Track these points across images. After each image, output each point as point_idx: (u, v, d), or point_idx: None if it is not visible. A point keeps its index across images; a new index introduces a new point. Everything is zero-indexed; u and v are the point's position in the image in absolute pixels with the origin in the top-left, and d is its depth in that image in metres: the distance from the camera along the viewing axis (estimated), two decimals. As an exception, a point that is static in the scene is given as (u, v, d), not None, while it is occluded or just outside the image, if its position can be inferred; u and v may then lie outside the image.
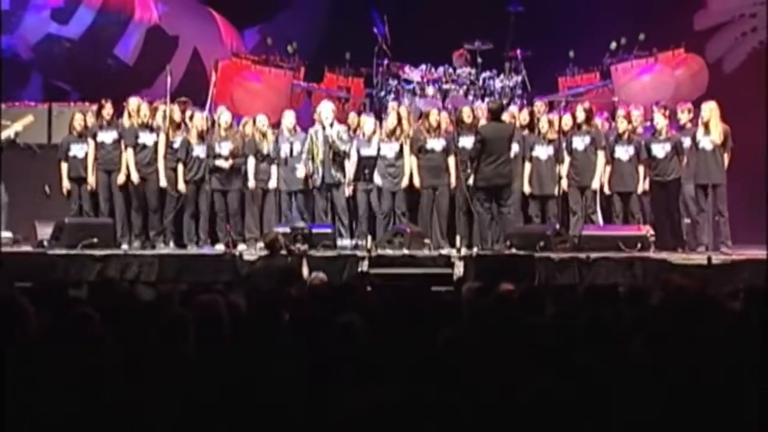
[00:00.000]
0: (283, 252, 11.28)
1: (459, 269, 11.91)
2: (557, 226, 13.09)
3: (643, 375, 4.29)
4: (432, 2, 17.10)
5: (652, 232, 12.71)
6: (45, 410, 3.88)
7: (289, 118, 13.84)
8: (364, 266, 11.96)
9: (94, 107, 14.07)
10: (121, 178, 13.44)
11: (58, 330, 4.86)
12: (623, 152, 13.32)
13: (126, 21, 17.22)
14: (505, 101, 15.30)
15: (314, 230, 12.64)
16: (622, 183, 13.36)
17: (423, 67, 16.12)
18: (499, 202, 12.85)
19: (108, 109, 13.64)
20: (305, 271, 10.95)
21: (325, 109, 13.70)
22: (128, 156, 13.43)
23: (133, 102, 13.65)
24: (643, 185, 13.34)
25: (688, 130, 13.06)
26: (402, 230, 13.17)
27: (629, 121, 13.43)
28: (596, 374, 4.26)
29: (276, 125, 13.95)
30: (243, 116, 14.35)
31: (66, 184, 13.78)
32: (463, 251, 12.58)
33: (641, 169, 13.29)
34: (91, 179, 13.58)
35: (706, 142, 12.71)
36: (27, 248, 13.19)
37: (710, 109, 12.76)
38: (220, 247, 13.28)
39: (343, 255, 12.32)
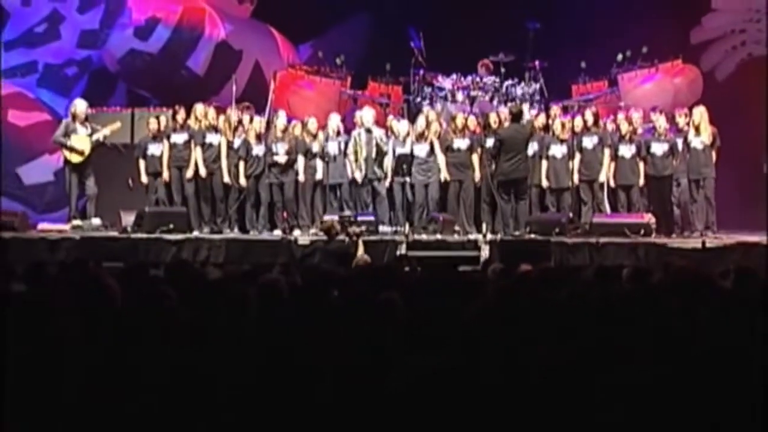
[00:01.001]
0: (340, 237, 11.31)
1: (485, 252, 11.91)
2: (570, 215, 13.09)
3: (646, 344, 4.28)
4: (462, 20, 17.06)
5: (653, 219, 12.69)
6: (130, 371, 3.92)
7: (334, 121, 13.90)
8: (402, 249, 11.97)
9: (170, 112, 14.19)
10: (189, 173, 13.54)
11: (141, 304, 4.89)
12: (626, 150, 13.29)
13: (197, 37, 17.27)
14: (524, 106, 15.30)
15: (359, 218, 12.66)
16: (624, 177, 13.32)
17: (454, 76, 16.12)
18: (516, 194, 12.88)
19: (181, 114, 13.78)
20: (360, 250, 10.99)
21: (367, 114, 13.76)
22: (196, 154, 13.53)
23: (200, 107, 13.77)
24: (643, 179, 13.30)
25: (682, 132, 13.06)
26: (435, 218, 13.20)
27: (630, 123, 13.41)
28: (605, 343, 4.24)
29: (325, 127, 13.99)
30: (295, 119, 14.38)
31: (144, 179, 13.90)
32: (489, 236, 12.58)
33: (641, 165, 13.26)
34: (166, 174, 13.69)
35: (697, 142, 12.77)
36: (113, 233, 13.30)
37: (700, 113, 12.85)
38: (277, 233, 13.34)
39: (384, 240, 12.33)
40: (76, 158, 13.65)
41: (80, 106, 13.95)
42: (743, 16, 16.97)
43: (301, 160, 13.58)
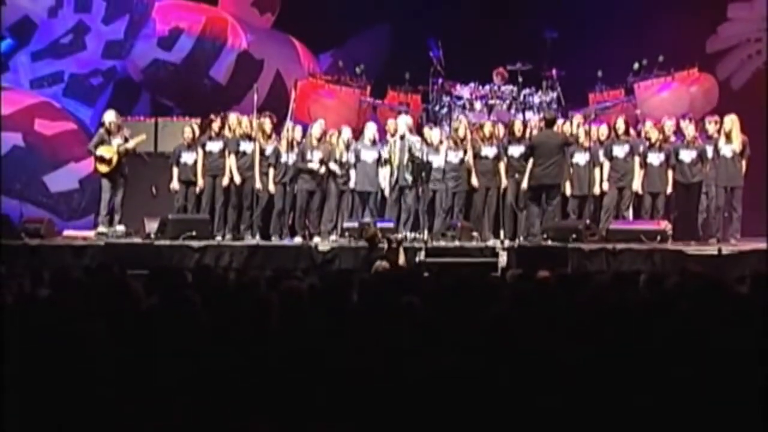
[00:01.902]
0: (382, 245, 11.31)
1: (503, 258, 11.90)
2: (588, 221, 13.05)
3: (662, 348, 4.27)
4: (480, 30, 17.08)
5: (669, 226, 12.65)
6: (154, 375, 3.93)
7: (371, 130, 13.93)
8: (421, 256, 11.97)
9: (197, 120, 14.28)
10: (225, 181, 13.60)
11: (165, 309, 4.90)
12: (655, 158, 13.26)
13: (220, 47, 17.34)
14: (541, 114, 15.28)
15: (379, 224, 12.65)
16: (652, 185, 13.28)
17: (472, 85, 16.13)
18: (547, 198, 12.88)
19: (217, 123, 13.86)
20: (402, 258, 11.01)
21: (402, 122, 13.77)
22: (231, 161, 13.58)
23: (233, 117, 13.85)
24: (671, 186, 13.26)
25: (712, 139, 13.00)
26: (454, 225, 13.21)
27: (660, 131, 13.37)
28: (621, 346, 4.24)
29: (359, 135, 14.03)
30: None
31: (175, 185, 13.92)
32: (506, 243, 12.57)
33: (670, 172, 13.21)
34: (201, 183, 13.73)
35: (726, 150, 12.69)
36: (137, 240, 13.35)
37: (732, 121, 12.77)
38: (298, 239, 13.35)
39: (405, 246, 12.30)
40: (104, 168, 13.76)
41: (108, 117, 14.05)
42: (758, 26, 16.94)
43: (333, 167, 13.59)
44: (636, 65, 15.80)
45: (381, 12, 18.27)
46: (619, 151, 13.41)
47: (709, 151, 12.97)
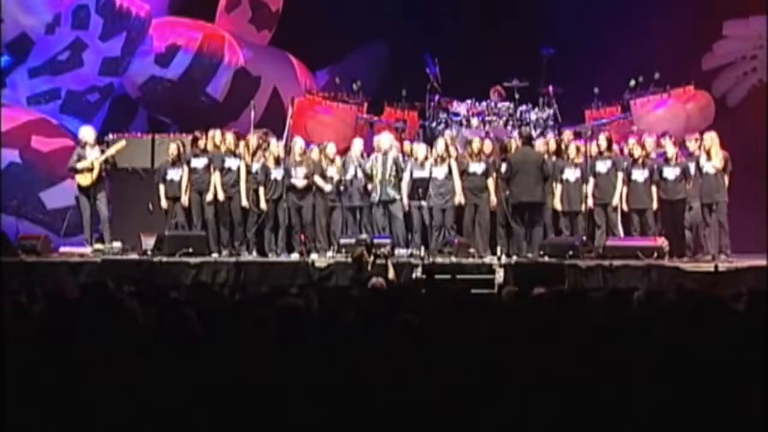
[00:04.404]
0: (369, 261, 11.29)
1: (499, 275, 11.90)
2: (584, 238, 13.06)
3: (657, 363, 4.27)
4: (476, 47, 17.11)
5: (666, 243, 12.65)
6: (150, 392, 3.93)
7: (358, 146, 13.93)
8: (418, 272, 11.96)
9: (188, 137, 14.26)
10: (209, 197, 13.55)
11: (162, 326, 4.90)
12: (639, 175, 13.26)
13: (217, 64, 17.37)
14: (538, 131, 15.36)
15: (376, 240, 12.63)
16: (638, 201, 13.29)
17: (468, 101, 16.15)
18: (530, 217, 12.89)
19: (202, 140, 13.82)
20: (391, 272, 11.00)
21: (384, 139, 13.78)
22: (215, 178, 13.54)
23: (217, 133, 13.79)
24: (656, 203, 13.28)
25: (693, 156, 13.03)
26: (451, 241, 13.17)
27: (643, 148, 13.39)
28: (617, 361, 4.24)
29: (343, 152, 14.03)
30: (312, 144, 14.44)
31: (164, 203, 13.91)
32: (503, 260, 12.57)
33: (654, 189, 13.23)
34: (184, 199, 13.69)
35: (708, 167, 12.67)
36: (134, 256, 13.35)
37: (711, 138, 12.77)
38: (295, 256, 13.34)
39: (401, 262, 12.31)
40: (85, 179, 13.65)
41: (84, 132, 13.99)
42: (754, 43, 17.01)
43: (317, 181, 13.59)
44: (632, 82, 15.82)
45: (378, 29, 18.30)
46: (602, 167, 13.44)
47: (692, 168, 13.00)
